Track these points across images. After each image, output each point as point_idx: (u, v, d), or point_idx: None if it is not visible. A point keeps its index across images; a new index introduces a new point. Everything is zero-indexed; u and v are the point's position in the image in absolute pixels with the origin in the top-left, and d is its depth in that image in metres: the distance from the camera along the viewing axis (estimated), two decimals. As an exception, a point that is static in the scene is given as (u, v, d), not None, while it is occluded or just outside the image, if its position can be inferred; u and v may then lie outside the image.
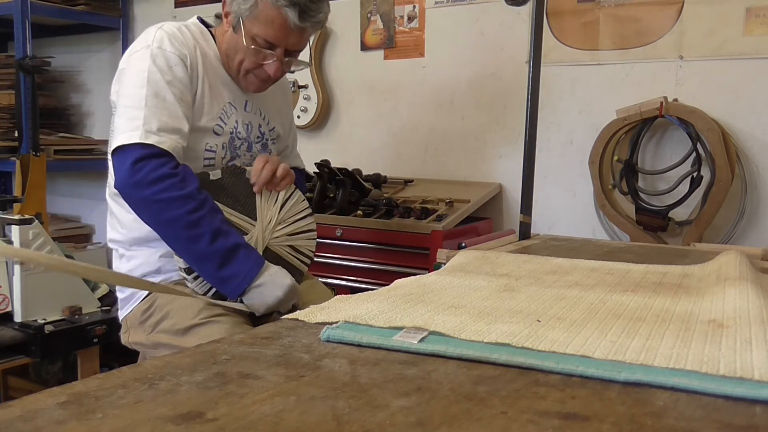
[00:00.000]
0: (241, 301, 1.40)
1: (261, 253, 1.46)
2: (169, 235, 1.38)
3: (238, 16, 1.46)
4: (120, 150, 1.37)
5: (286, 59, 1.51)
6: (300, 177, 1.76)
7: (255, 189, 1.49)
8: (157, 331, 1.44)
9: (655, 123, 2.08)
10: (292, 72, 1.63)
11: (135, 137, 1.35)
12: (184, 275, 1.44)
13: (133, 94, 1.39)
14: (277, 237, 1.51)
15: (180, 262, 1.42)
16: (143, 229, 1.47)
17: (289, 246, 1.54)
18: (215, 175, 1.45)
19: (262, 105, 1.63)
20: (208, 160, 1.50)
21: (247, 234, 1.45)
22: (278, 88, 1.70)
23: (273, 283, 1.39)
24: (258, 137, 1.61)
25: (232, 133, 1.53)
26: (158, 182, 1.33)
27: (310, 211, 1.59)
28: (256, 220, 1.48)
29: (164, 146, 1.35)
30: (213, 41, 1.55)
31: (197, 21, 1.57)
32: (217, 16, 1.57)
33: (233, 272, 1.37)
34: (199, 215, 1.35)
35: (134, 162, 1.34)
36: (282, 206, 1.53)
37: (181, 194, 1.34)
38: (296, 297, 1.43)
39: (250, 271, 1.37)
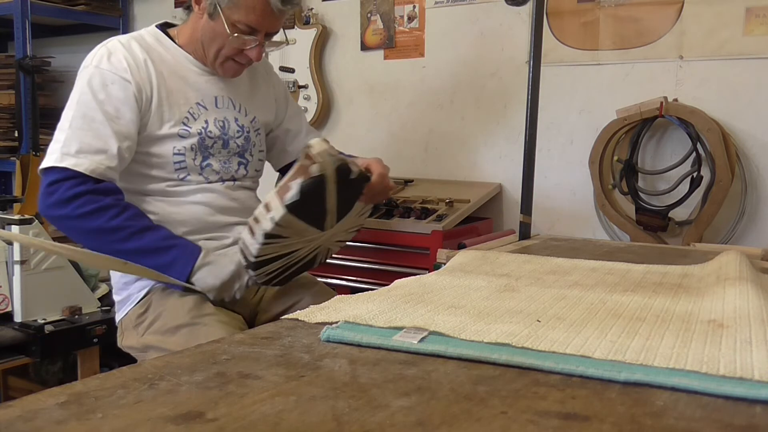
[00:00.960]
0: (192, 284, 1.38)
1: (311, 252, 1.45)
2: (99, 245, 1.38)
3: (214, 4, 1.44)
4: (41, 173, 1.39)
5: (265, 42, 1.51)
6: None
7: (364, 198, 1.44)
8: (148, 333, 1.44)
9: (655, 123, 2.08)
10: (271, 51, 1.61)
11: (51, 160, 1.37)
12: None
13: (64, 115, 1.42)
14: (330, 241, 1.48)
15: (276, 215, 1.31)
16: None
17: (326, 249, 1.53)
18: (353, 174, 1.38)
19: (237, 97, 1.60)
20: (179, 164, 1.49)
21: (324, 232, 1.41)
22: (259, 77, 1.67)
23: (221, 261, 1.39)
24: (237, 131, 1.57)
25: (200, 134, 1.50)
26: (73, 200, 1.35)
27: (362, 226, 1.58)
28: (335, 224, 1.43)
29: (80, 168, 1.36)
30: (172, 43, 1.53)
31: (153, 28, 1.55)
32: (187, 8, 1.55)
33: (174, 257, 1.37)
34: (122, 218, 1.36)
35: (48, 185, 1.37)
36: (359, 216, 1.51)
37: (99, 205, 1.35)
38: (245, 276, 1.41)
39: (193, 252, 1.38)
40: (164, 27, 1.57)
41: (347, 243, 1.60)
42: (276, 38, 1.54)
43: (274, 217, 1.28)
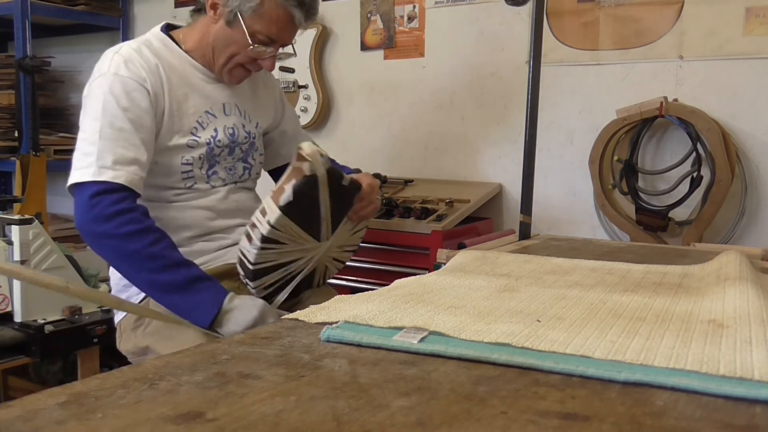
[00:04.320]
0: (216, 332, 1.33)
1: (310, 266, 1.45)
2: (131, 269, 1.35)
3: (234, 11, 1.43)
4: (75, 187, 1.34)
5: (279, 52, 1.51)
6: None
7: (350, 215, 1.44)
8: (145, 334, 1.43)
9: (655, 123, 2.08)
10: (281, 60, 1.60)
11: (89, 174, 1.32)
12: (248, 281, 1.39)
13: (88, 126, 1.37)
14: (327, 257, 1.48)
15: (272, 217, 1.31)
16: None
17: (324, 267, 1.52)
18: (345, 180, 1.38)
19: (242, 103, 1.59)
20: (186, 173, 1.48)
21: (320, 243, 1.41)
22: (258, 81, 1.66)
23: (245, 305, 1.33)
24: (245, 138, 1.57)
25: (209, 143, 1.49)
26: (116, 216, 1.31)
27: (359, 245, 1.57)
28: (332, 233, 1.43)
29: (120, 180, 1.32)
30: (178, 48, 1.51)
31: (158, 32, 1.53)
32: (197, 10, 1.54)
33: (201, 298, 1.32)
34: (161, 247, 1.32)
35: (90, 197, 1.31)
36: (353, 234, 1.50)
37: (141, 227, 1.32)
38: (272, 316, 1.35)
39: (218, 296, 1.32)
40: (167, 29, 1.56)
41: (346, 263, 1.60)
42: (285, 49, 1.54)
43: (270, 219, 1.29)
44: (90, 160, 1.33)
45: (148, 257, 1.31)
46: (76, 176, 1.34)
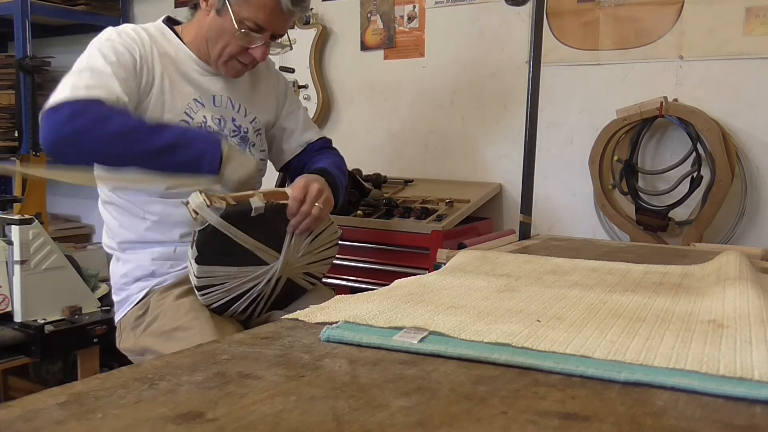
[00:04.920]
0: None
1: (276, 283, 1.44)
2: (124, 148, 1.33)
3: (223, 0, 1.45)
4: (45, 112, 1.34)
5: (271, 42, 1.51)
6: (328, 147, 1.77)
7: (289, 230, 1.41)
8: (145, 335, 1.43)
9: (655, 123, 2.09)
10: (275, 54, 1.61)
11: (63, 95, 1.33)
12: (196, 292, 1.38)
13: (70, 72, 1.40)
14: (297, 267, 1.47)
15: (193, 269, 1.32)
16: (128, 234, 1.49)
17: (304, 273, 1.51)
18: (257, 210, 1.33)
19: (237, 97, 1.58)
20: None
21: (269, 265, 1.40)
22: (260, 76, 1.66)
23: (243, 153, 1.44)
24: (233, 131, 1.56)
25: (200, 126, 1.50)
26: (85, 112, 1.30)
27: (338, 239, 1.54)
28: (281, 252, 1.41)
29: (92, 93, 1.33)
30: (177, 38, 1.53)
31: (159, 22, 1.56)
32: (193, 6, 1.55)
33: (200, 149, 1.35)
34: (138, 119, 1.37)
35: (55, 107, 1.31)
36: (314, 239, 1.47)
37: (113, 110, 1.33)
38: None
39: (215, 142, 1.36)
40: (168, 22, 1.58)
41: (335, 256, 1.58)
42: (280, 41, 1.54)
43: (194, 272, 1.33)
44: (65, 86, 1.35)
45: (132, 129, 1.33)
46: (50, 101, 1.34)
